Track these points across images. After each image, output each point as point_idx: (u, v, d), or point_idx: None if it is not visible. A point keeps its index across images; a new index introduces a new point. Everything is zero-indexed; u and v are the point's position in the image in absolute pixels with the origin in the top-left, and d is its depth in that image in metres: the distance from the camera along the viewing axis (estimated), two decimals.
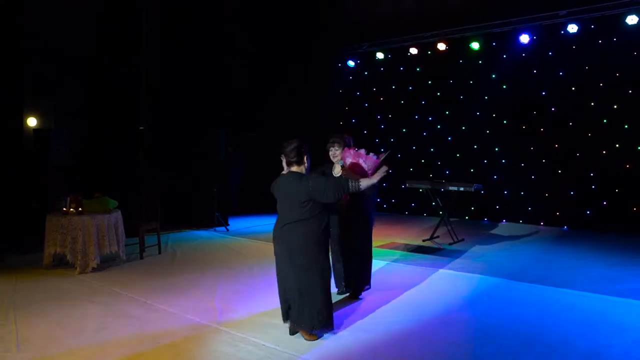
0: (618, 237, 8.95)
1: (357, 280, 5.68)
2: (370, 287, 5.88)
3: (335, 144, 5.57)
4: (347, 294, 5.71)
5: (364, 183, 4.57)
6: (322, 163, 5.70)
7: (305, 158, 4.56)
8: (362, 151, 5.52)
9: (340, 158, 5.49)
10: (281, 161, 4.65)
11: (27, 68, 8.88)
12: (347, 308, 5.33)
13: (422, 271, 6.83)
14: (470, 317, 5.09)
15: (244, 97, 12.30)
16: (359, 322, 4.93)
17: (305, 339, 4.47)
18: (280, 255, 4.52)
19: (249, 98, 12.43)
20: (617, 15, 9.24)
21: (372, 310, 5.27)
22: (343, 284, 5.70)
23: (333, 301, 4.77)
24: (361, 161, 5.46)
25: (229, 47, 11.33)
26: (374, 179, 4.75)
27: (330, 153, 5.60)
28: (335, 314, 4.71)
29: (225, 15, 10.99)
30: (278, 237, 4.54)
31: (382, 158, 5.56)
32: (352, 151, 5.50)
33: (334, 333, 4.61)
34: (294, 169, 4.54)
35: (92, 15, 9.60)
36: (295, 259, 4.39)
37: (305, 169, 4.60)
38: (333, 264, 5.68)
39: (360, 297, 5.69)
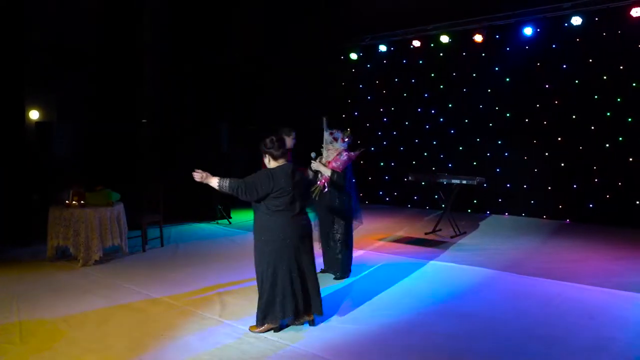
0: (621, 231, 8.89)
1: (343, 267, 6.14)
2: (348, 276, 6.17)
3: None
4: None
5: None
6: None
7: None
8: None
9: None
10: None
11: (29, 61, 8.84)
12: (347, 299, 5.34)
13: (424, 264, 6.83)
14: (472, 309, 5.09)
15: (247, 91, 12.26)
16: (358, 313, 4.95)
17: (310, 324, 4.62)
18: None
19: (252, 91, 12.40)
20: (622, 7, 9.14)
21: (373, 302, 5.28)
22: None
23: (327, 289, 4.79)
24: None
25: (231, 41, 11.30)
26: None
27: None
28: (333, 304, 4.74)
29: (227, 10, 10.96)
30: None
31: (353, 157, 5.98)
32: None
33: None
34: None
35: (94, 8, 9.57)
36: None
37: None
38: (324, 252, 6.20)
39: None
